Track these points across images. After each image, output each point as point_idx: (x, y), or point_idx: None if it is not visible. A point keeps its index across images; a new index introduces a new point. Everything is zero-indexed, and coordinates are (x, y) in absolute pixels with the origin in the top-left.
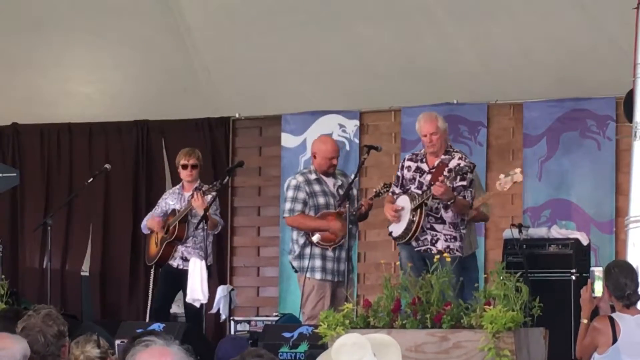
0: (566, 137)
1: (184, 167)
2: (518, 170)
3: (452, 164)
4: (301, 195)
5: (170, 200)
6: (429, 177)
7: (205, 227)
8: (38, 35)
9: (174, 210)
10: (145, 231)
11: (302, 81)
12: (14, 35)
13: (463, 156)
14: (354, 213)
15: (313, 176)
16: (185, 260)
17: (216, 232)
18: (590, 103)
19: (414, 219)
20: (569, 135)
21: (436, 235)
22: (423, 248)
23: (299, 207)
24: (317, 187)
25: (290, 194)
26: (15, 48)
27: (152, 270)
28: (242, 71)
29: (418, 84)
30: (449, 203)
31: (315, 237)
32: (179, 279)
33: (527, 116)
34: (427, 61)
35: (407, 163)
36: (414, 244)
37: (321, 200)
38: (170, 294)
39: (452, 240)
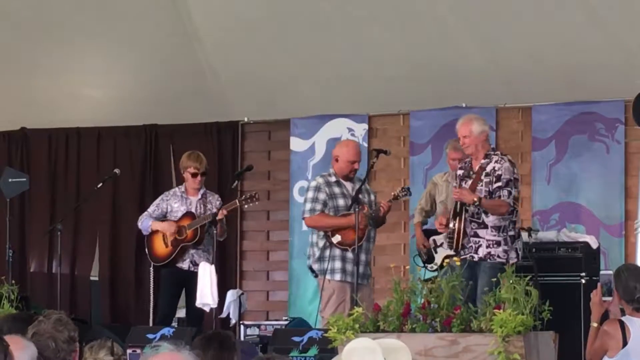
0: (575, 140)
1: (194, 175)
2: None
3: (489, 167)
4: (321, 196)
5: (173, 203)
6: (470, 182)
7: (216, 232)
8: (47, 40)
9: (190, 213)
10: (147, 232)
11: (311, 85)
12: (23, 40)
13: (499, 158)
14: (373, 215)
15: (333, 179)
16: (195, 264)
17: (222, 239)
18: (599, 106)
19: (454, 227)
20: (578, 139)
21: (479, 241)
22: (467, 255)
23: (319, 207)
24: (336, 190)
25: (310, 194)
26: (25, 53)
27: (152, 271)
28: (250, 75)
29: (427, 87)
30: (476, 204)
31: (336, 238)
32: (187, 281)
33: (536, 119)
34: (436, 65)
35: (458, 172)
36: (461, 252)
37: (341, 202)
38: (176, 297)
39: (495, 245)
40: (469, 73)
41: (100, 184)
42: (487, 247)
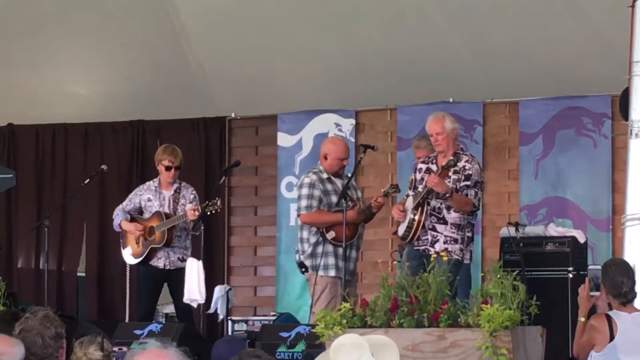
0: (562, 135)
1: (168, 168)
2: None
3: (459, 165)
4: (317, 192)
5: (145, 196)
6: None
7: (201, 230)
8: (34, 36)
9: (158, 213)
10: (117, 229)
11: (298, 80)
12: (10, 36)
13: (470, 158)
14: (366, 211)
15: (325, 175)
16: (171, 262)
17: (197, 234)
18: (586, 101)
19: (415, 217)
20: (565, 133)
21: (436, 236)
22: (422, 248)
23: (315, 203)
24: (329, 186)
25: (305, 191)
26: (12, 49)
27: (129, 269)
28: (238, 71)
29: (414, 82)
30: (446, 196)
31: (330, 235)
32: (165, 279)
33: (523, 114)
34: (423, 60)
35: (419, 165)
36: (414, 242)
37: (334, 198)
38: (155, 296)
39: (452, 242)
40: (456, 68)
41: (87, 180)
42: (445, 242)
